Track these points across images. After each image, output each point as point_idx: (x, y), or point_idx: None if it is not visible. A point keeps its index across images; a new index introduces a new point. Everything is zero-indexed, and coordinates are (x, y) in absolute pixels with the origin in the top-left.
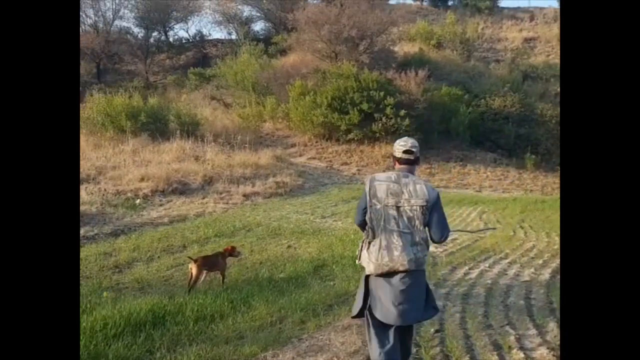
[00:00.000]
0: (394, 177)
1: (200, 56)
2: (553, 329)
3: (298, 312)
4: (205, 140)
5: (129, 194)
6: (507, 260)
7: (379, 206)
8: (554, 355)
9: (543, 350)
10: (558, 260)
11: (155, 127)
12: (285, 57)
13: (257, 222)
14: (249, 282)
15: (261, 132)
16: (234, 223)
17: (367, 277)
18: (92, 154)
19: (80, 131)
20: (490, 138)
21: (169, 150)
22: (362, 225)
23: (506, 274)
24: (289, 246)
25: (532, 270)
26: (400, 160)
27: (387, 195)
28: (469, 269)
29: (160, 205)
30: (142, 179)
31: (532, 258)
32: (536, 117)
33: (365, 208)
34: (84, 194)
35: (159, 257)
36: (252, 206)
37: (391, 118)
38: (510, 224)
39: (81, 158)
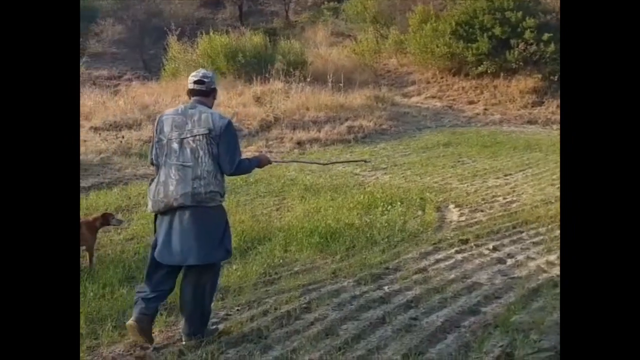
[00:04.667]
0: (181, 109)
1: None
2: None
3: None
4: (296, 80)
5: None
6: (532, 240)
7: (164, 141)
8: None
9: None
10: None
11: (259, 68)
12: None
13: (278, 174)
14: (128, 262)
15: (382, 69)
16: (246, 176)
17: (156, 215)
18: (159, 98)
19: (180, 76)
20: None
21: (251, 93)
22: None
23: (502, 264)
24: (277, 208)
25: (553, 257)
26: (192, 92)
27: (171, 129)
28: (456, 251)
29: None
30: None
31: None
32: None
33: (153, 146)
34: (99, 142)
35: None
36: (299, 155)
37: (532, 44)
38: None
39: (138, 105)
